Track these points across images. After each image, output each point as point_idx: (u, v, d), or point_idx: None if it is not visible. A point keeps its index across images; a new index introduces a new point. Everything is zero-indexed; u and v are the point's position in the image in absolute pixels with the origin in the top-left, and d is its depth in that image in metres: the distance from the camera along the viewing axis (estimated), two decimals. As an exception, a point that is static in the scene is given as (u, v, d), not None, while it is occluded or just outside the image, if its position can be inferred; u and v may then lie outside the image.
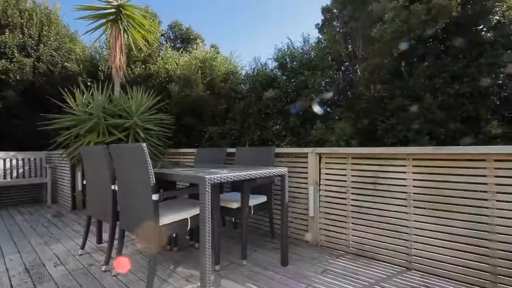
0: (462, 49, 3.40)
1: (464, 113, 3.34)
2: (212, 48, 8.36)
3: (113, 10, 4.50)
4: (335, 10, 4.90)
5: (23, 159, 4.92)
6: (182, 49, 8.73)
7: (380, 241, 2.24)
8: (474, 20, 3.43)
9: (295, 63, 4.94)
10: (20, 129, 6.01)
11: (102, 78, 5.98)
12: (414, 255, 2.07)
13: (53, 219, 3.77)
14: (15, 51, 5.95)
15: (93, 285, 1.88)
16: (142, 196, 1.77)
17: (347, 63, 5.02)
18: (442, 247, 1.96)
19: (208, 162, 3.25)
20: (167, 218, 1.80)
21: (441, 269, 1.95)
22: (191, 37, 10.23)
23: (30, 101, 6.14)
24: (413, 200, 2.10)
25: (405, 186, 2.14)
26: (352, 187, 2.42)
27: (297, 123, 4.61)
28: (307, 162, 2.69)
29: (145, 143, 1.69)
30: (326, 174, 2.60)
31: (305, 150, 2.70)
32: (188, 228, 1.98)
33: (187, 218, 1.93)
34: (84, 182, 2.58)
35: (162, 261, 2.26)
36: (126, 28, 4.81)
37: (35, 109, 5.96)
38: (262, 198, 2.57)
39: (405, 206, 2.14)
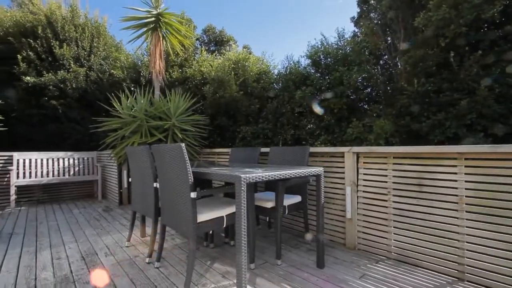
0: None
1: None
2: (244, 49, 8.47)
3: (153, 18, 4.79)
4: (372, 1, 4.64)
5: (78, 159, 5.49)
6: (216, 51, 9.00)
7: (426, 248, 2.06)
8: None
9: (329, 59, 4.78)
10: (76, 132, 6.73)
11: (144, 83, 6.42)
12: (468, 265, 1.87)
13: (103, 213, 4.15)
14: (71, 62, 6.67)
15: (138, 275, 2.03)
16: (181, 194, 1.86)
17: (386, 57, 4.72)
18: (500, 257, 1.74)
19: (242, 162, 3.30)
20: (204, 216, 1.86)
21: (500, 282, 1.74)
22: (224, 39, 10.49)
23: (84, 106, 6.83)
24: (465, 204, 1.90)
25: (455, 188, 1.95)
26: (394, 189, 2.27)
27: (331, 121, 4.46)
28: (343, 162, 2.59)
29: (183, 143, 1.77)
30: (364, 174, 2.47)
31: (342, 149, 2.60)
32: (224, 226, 2.04)
33: (223, 216, 1.98)
34: (130, 180, 2.79)
35: (200, 257, 2.36)
36: (164, 35, 5.10)
37: (87, 113, 6.62)
38: (297, 198, 2.54)
39: (456, 210, 1.94)
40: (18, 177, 4.77)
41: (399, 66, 4.23)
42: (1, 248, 2.65)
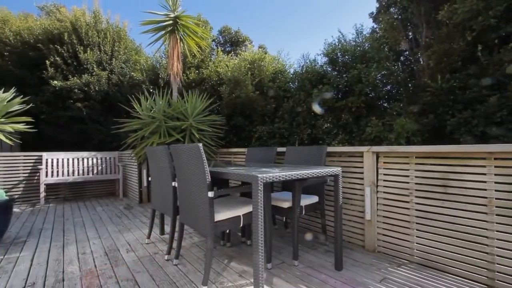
0: None
1: None
2: (260, 49, 8.47)
3: (170, 21, 4.91)
4: (392, -4, 4.48)
5: (101, 158, 5.73)
6: (231, 52, 9.07)
7: (453, 252, 1.96)
8: None
9: (346, 56, 4.68)
10: (99, 132, 7.03)
11: (162, 85, 6.59)
12: (498, 272, 1.76)
13: (125, 211, 4.30)
14: (94, 66, 6.97)
15: (158, 272, 2.08)
16: (198, 193, 1.89)
17: (407, 53, 4.55)
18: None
19: (258, 161, 3.30)
20: (222, 215, 1.88)
21: (537, 291, 1.62)
22: (240, 39, 10.54)
23: (106, 108, 7.12)
24: (495, 206, 1.79)
25: (484, 190, 1.84)
26: (417, 190, 2.18)
27: (349, 120, 4.36)
28: (362, 162, 2.52)
29: (201, 143, 1.80)
30: (384, 174, 2.39)
31: (360, 148, 2.53)
32: (241, 226, 2.04)
33: (239, 216, 1.99)
34: (149, 179, 2.87)
35: (217, 256, 2.38)
36: (182, 37, 5.20)
37: (110, 115, 6.90)
38: (314, 199, 2.50)
39: (485, 213, 1.83)
40: (47, 175, 5.06)
41: (422, 62, 4.06)
42: (33, 242, 2.82)
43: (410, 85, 4.32)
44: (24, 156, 5.00)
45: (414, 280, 1.90)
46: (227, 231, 2.63)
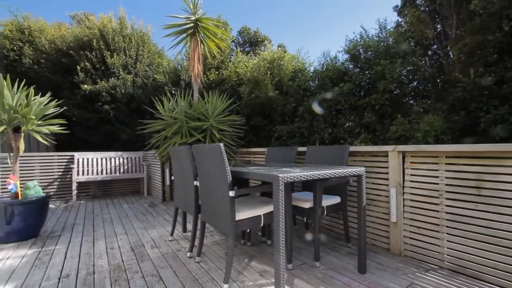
0: None
1: None
2: (279, 48, 8.42)
3: (191, 24, 5.01)
4: (418, -13, 4.27)
5: (126, 158, 5.99)
6: (251, 52, 9.10)
7: (486, 258, 1.83)
8: None
9: (369, 52, 4.52)
10: (125, 133, 7.35)
11: (183, 86, 6.76)
12: (542, 281, 1.62)
13: (149, 209, 4.46)
14: (120, 70, 7.31)
15: (180, 268, 2.14)
16: (219, 192, 1.91)
17: (435, 47, 4.32)
18: None
19: (278, 161, 3.29)
20: (242, 214, 1.89)
21: None
22: (259, 39, 10.56)
23: (131, 109, 7.43)
24: (539, 210, 1.64)
25: (525, 192, 1.69)
26: (447, 191, 2.05)
27: (373, 118, 4.21)
28: (387, 162, 2.42)
29: (221, 143, 1.82)
30: (411, 175, 2.28)
31: (385, 148, 2.43)
32: (261, 225, 2.04)
33: (260, 215, 1.99)
34: (172, 178, 2.95)
35: (237, 254, 2.40)
36: (202, 39, 5.30)
37: (134, 116, 7.20)
38: (336, 199, 2.44)
39: (526, 217, 1.69)
40: (78, 174, 5.38)
41: (452, 56, 3.82)
42: (66, 236, 3.02)
43: (438, 80, 4.10)
44: (58, 156, 5.36)
45: (444, 287, 1.80)
46: (248, 230, 2.65)
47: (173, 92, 6.35)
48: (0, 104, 2.87)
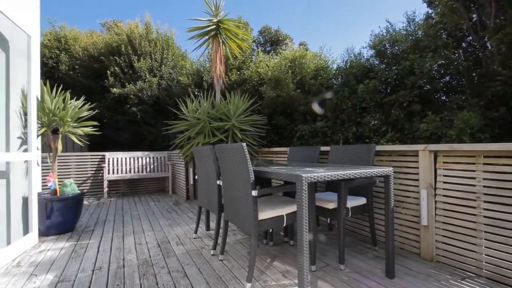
0: None
1: None
2: (301, 46, 8.32)
3: (213, 26, 5.10)
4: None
5: (152, 157, 6.24)
6: (272, 51, 9.07)
7: (534, 268, 1.67)
8: None
9: (396, 47, 4.32)
10: (151, 134, 7.65)
11: (206, 87, 6.90)
12: None
13: (174, 207, 4.61)
14: (147, 73, 7.62)
15: (204, 265, 2.18)
16: (242, 192, 1.92)
17: (470, 38, 4.02)
18: None
19: (301, 161, 3.24)
20: (265, 214, 1.89)
21: None
22: (280, 38, 10.50)
23: (157, 111, 7.72)
24: None
25: None
26: (485, 194, 1.90)
27: (400, 116, 4.01)
28: (417, 162, 2.30)
29: (244, 143, 1.83)
30: (444, 176, 2.14)
31: (415, 147, 2.31)
32: (284, 225, 2.03)
33: (283, 215, 1.97)
34: (196, 177, 3.02)
35: (260, 254, 2.40)
36: (224, 40, 5.37)
37: (160, 117, 7.47)
38: (361, 200, 2.36)
39: None
40: (109, 173, 5.69)
41: (490, 48, 3.54)
42: (99, 231, 3.20)
43: (474, 74, 3.81)
44: (91, 155, 5.70)
45: (484, 296, 1.67)
46: (270, 230, 2.64)
47: (196, 93, 6.50)
48: (41, 108, 3.12)
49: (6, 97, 2.47)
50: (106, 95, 7.45)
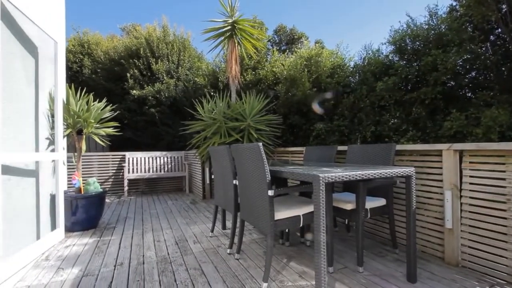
0: None
1: None
2: (316, 44, 8.20)
3: (229, 27, 5.14)
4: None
5: (170, 157, 6.38)
6: (287, 50, 9.02)
7: None
8: None
9: (417, 43, 4.15)
10: (168, 134, 7.84)
11: (221, 87, 6.97)
12: None
13: (191, 205, 4.69)
14: (164, 75, 7.80)
15: (221, 264, 2.21)
16: (258, 191, 1.92)
17: (498, 30, 3.79)
18: None
19: (317, 161, 3.20)
20: (281, 214, 1.88)
21: None
22: (295, 37, 10.41)
23: (174, 112, 7.90)
24: None
25: None
26: (517, 196, 1.78)
27: (422, 114, 3.85)
28: (440, 162, 2.19)
29: (260, 143, 1.83)
30: (470, 177, 2.03)
31: (438, 146, 2.21)
32: (300, 225, 2.01)
33: (299, 215, 1.95)
34: (212, 176, 3.06)
35: (276, 254, 2.39)
36: (239, 41, 5.40)
37: (177, 118, 7.63)
38: (381, 201, 2.29)
39: None
40: (129, 172, 5.88)
41: (521, 40, 3.32)
42: (120, 228, 3.32)
43: (504, 69, 3.58)
44: (112, 155, 5.93)
45: (515, 305, 1.57)
46: (286, 230, 2.62)
47: (212, 93, 6.58)
48: (67, 110, 3.28)
49: (35, 101, 2.62)
50: (126, 97, 7.72)
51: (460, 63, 3.63)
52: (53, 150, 2.88)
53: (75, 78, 8.03)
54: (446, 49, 3.69)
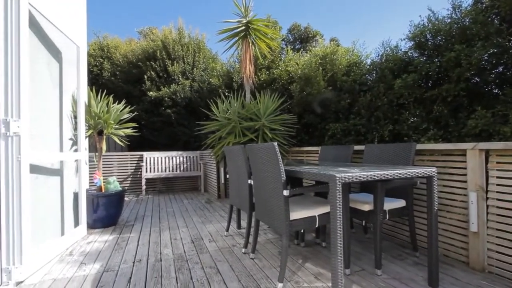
0: None
1: None
2: (332, 42, 8.07)
3: (243, 27, 5.16)
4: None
5: (186, 157, 6.50)
6: (301, 49, 8.93)
7: None
8: None
9: (439, 37, 3.97)
10: (184, 134, 7.98)
11: (236, 88, 7.00)
12: None
13: (206, 205, 4.76)
14: (180, 76, 7.95)
15: (236, 263, 2.22)
16: (273, 191, 1.92)
17: (529, 22, 3.54)
18: None
19: (333, 160, 3.14)
20: (297, 214, 1.86)
21: None
22: (310, 35, 10.29)
23: (189, 112, 8.03)
24: None
25: None
26: (550, 198, 1.67)
27: (444, 112, 3.68)
28: (464, 162, 2.09)
29: (275, 142, 1.82)
30: (498, 178, 1.92)
31: (462, 145, 2.11)
32: (316, 226, 1.98)
33: (315, 216, 1.93)
34: (227, 176, 3.08)
35: (291, 254, 2.38)
36: (253, 40, 5.41)
37: (192, 118, 7.75)
38: (400, 203, 2.21)
39: None
40: (146, 171, 6.05)
41: (554, 32, 3.09)
42: (138, 226, 3.42)
43: (534, 63, 3.35)
44: (131, 155, 6.12)
45: (549, 315, 1.47)
46: (301, 231, 2.60)
47: (227, 94, 6.63)
48: (88, 112, 3.41)
49: (59, 103, 2.75)
50: (143, 98, 7.93)
51: (486, 57, 3.43)
52: (76, 150, 3.01)
53: (95, 81, 8.34)
54: (470, 44, 3.50)
